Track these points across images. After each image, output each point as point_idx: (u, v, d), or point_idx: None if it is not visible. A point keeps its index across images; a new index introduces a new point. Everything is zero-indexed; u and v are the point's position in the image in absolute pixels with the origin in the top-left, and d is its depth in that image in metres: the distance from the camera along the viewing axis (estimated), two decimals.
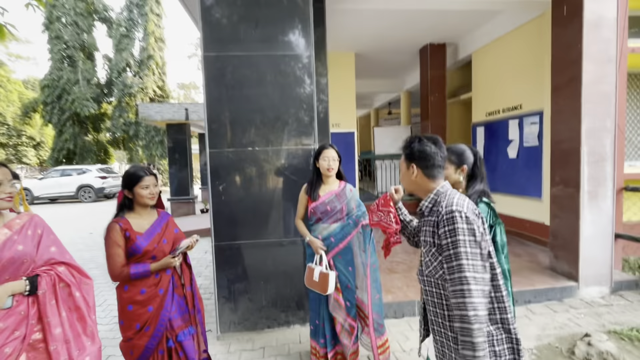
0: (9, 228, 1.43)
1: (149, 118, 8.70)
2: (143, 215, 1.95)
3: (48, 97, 16.58)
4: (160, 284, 1.92)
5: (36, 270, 1.45)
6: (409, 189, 1.46)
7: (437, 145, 1.36)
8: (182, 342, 1.96)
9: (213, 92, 2.99)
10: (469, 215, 1.19)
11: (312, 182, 2.49)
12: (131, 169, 1.95)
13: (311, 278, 2.36)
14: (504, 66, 5.63)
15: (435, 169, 1.36)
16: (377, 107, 13.81)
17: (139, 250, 1.85)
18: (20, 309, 1.38)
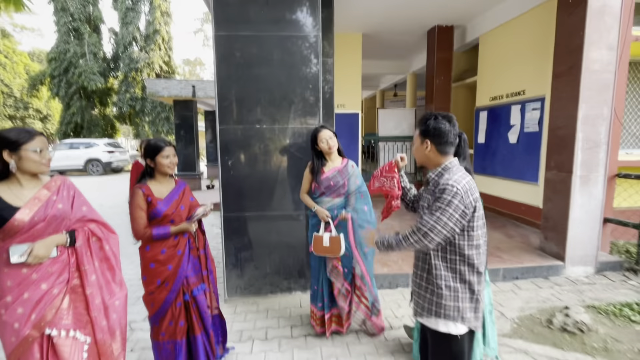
0: (48, 189, 1.61)
1: (156, 94, 8.81)
2: (163, 183, 2.15)
3: (55, 70, 16.63)
4: (178, 245, 2.15)
5: (72, 226, 1.65)
6: (420, 162, 1.62)
7: (451, 124, 1.51)
8: (196, 296, 2.22)
9: (223, 71, 3.12)
10: (459, 192, 1.39)
11: (314, 164, 2.64)
12: (153, 140, 2.14)
13: (321, 244, 2.55)
14: (510, 51, 5.65)
15: (447, 146, 1.52)
16: (383, 88, 13.75)
17: (160, 214, 2.06)
18: (63, 258, 1.60)
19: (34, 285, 1.51)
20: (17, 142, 1.49)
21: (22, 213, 1.49)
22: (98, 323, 1.67)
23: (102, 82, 16.81)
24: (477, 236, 1.44)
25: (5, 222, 1.46)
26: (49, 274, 1.55)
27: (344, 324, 2.74)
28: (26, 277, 1.50)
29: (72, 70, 16.36)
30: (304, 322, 2.95)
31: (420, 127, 1.56)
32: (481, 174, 6.53)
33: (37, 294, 1.51)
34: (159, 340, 2.19)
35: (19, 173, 1.52)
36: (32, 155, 1.51)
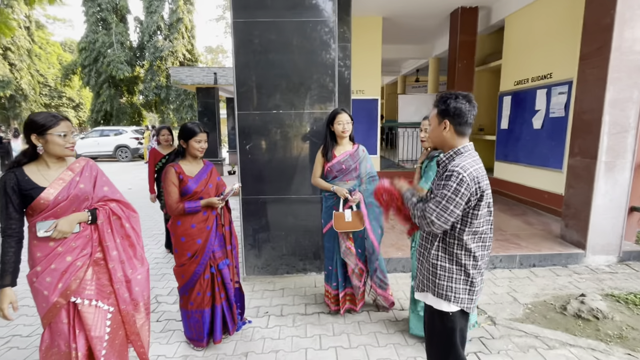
0: (72, 170, 1.73)
1: (180, 82, 9.04)
2: (193, 163, 2.34)
3: (85, 60, 17.31)
4: (207, 221, 2.34)
5: (94, 205, 1.77)
6: (435, 143, 1.58)
7: (470, 104, 1.46)
8: (222, 269, 2.41)
9: (242, 58, 3.20)
10: (465, 178, 1.36)
11: (326, 144, 2.72)
12: (189, 124, 2.31)
13: (342, 221, 2.62)
14: (538, 32, 5.41)
15: (466, 126, 1.47)
16: (405, 74, 13.47)
17: (190, 190, 2.24)
18: (85, 233, 1.73)
19: (59, 257, 1.65)
20: (44, 126, 1.60)
21: (47, 192, 1.62)
22: (120, 295, 1.82)
23: (129, 71, 17.37)
24: (478, 224, 1.44)
25: (32, 200, 1.61)
26: (73, 247, 1.68)
27: (357, 303, 2.84)
28: (52, 250, 1.64)
29: (101, 60, 16.98)
30: (317, 301, 3.07)
31: (438, 106, 1.49)
32: (503, 161, 6.37)
33: (63, 266, 1.65)
34: (188, 309, 2.39)
35: (45, 155, 1.65)
36: (57, 139, 1.62)
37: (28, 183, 1.61)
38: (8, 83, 16.60)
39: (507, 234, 4.24)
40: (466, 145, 1.48)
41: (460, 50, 6.76)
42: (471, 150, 1.49)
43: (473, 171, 1.39)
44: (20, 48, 17.57)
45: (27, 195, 1.60)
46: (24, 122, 1.62)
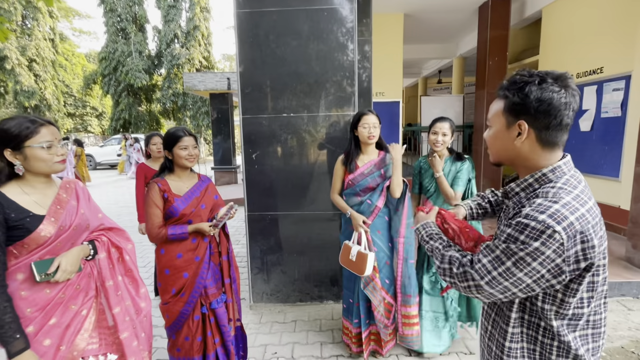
0: (66, 192, 1.36)
1: (192, 88, 8.80)
2: (183, 178, 1.93)
3: (105, 69, 17.58)
4: (197, 250, 1.91)
5: (90, 236, 1.42)
6: (499, 158, 0.96)
7: (568, 90, 0.82)
8: (215, 309, 1.96)
9: (246, 53, 2.78)
10: (556, 236, 0.76)
11: (350, 152, 2.26)
12: (171, 129, 1.91)
13: (347, 257, 2.18)
14: (583, 22, 4.77)
15: (560, 132, 0.85)
16: (426, 75, 12.87)
17: (176, 212, 1.83)
18: (87, 272, 1.37)
19: (62, 307, 1.28)
20: (20, 137, 1.20)
21: (48, 222, 1.24)
22: (129, 345, 1.45)
23: (147, 79, 17.50)
24: (580, 306, 0.84)
25: (28, 233, 1.20)
26: (77, 291, 1.33)
27: (383, 345, 2.33)
28: (52, 299, 1.26)
29: (120, 69, 17.20)
30: (335, 339, 2.58)
31: (509, 96, 0.87)
32: None
33: (67, 318, 1.28)
34: (175, 356, 1.97)
35: (29, 175, 1.26)
36: (39, 152, 1.22)
37: (18, 210, 1.20)
38: (33, 93, 17.03)
39: None
40: (559, 166, 0.86)
41: (491, 46, 6.15)
42: (570, 172, 0.87)
43: (576, 220, 0.77)
44: (45, 59, 18.04)
45: (18, 228, 1.19)
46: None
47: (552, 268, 0.77)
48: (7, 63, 16.29)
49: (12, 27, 16.82)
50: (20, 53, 16.95)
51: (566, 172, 0.86)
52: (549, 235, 0.75)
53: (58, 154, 1.27)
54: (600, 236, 0.80)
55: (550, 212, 0.77)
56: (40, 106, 18.26)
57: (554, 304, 0.84)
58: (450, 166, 2.27)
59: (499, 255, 0.82)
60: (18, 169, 1.22)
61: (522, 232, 0.78)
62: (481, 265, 0.85)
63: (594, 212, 0.81)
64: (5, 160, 1.22)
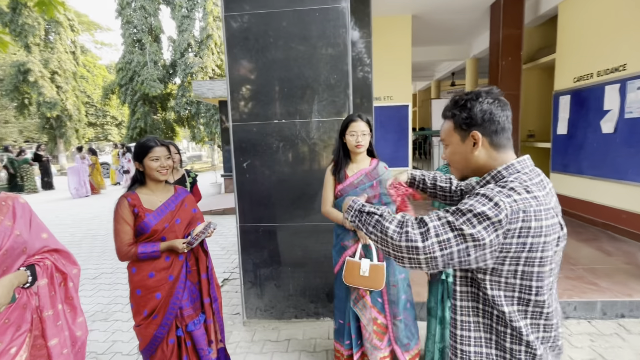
0: (0, 211, 1.24)
1: (201, 95, 8.84)
2: (156, 192, 1.80)
3: (122, 80, 18.02)
4: (171, 269, 1.78)
5: (30, 260, 1.29)
6: (463, 171, 1.03)
7: (499, 102, 0.95)
8: (192, 332, 1.85)
9: (235, 58, 2.67)
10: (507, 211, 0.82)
11: (339, 160, 2.10)
12: (143, 139, 1.80)
13: (356, 273, 1.96)
14: (603, 16, 4.46)
15: (504, 134, 0.96)
16: (438, 78, 12.55)
17: (147, 229, 1.71)
18: (22, 302, 1.23)
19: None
20: None
21: None
22: None
23: (162, 88, 17.82)
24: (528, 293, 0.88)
25: None
26: (6, 326, 1.18)
27: None
28: None
29: (136, 79, 17.58)
30: None
31: (456, 116, 0.98)
32: (562, 172, 5.36)
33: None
34: None
35: None
36: None
37: None
38: (55, 104, 17.65)
39: (579, 269, 3.31)
40: (512, 164, 0.93)
41: (504, 46, 5.87)
42: (524, 169, 0.92)
43: (520, 201, 0.84)
44: (66, 71, 18.69)
45: None
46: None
47: (492, 239, 0.82)
48: (30, 76, 16.94)
49: (36, 41, 17.52)
50: (43, 66, 17.60)
51: (519, 169, 0.92)
52: (496, 203, 0.82)
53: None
54: (547, 225, 0.84)
55: (498, 190, 0.86)
56: (62, 116, 18.89)
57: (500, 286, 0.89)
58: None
59: (449, 213, 0.87)
60: None
61: (470, 199, 0.86)
62: (434, 215, 0.88)
63: (541, 200, 0.86)
64: None
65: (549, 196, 0.90)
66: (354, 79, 3.66)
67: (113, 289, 3.80)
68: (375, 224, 0.93)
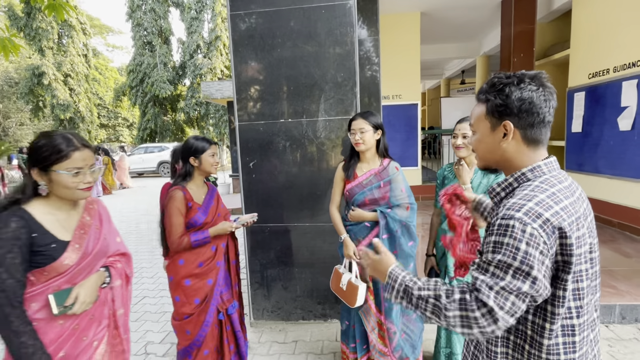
0: (89, 214, 1.28)
1: (210, 96, 8.89)
2: (199, 187, 1.93)
3: (133, 81, 18.33)
4: (216, 255, 1.90)
5: (106, 262, 1.33)
6: (487, 162, 0.95)
7: (545, 88, 0.84)
8: (231, 315, 1.97)
9: (241, 57, 2.65)
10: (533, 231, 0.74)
11: (349, 159, 2.06)
12: (193, 138, 1.92)
13: (337, 284, 2.00)
14: (619, 10, 4.32)
15: (543, 129, 0.85)
16: (448, 76, 12.39)
17: (199, 222, 1.82)
18: (102, 300, 1.28)
19: (75, 339, 1.18)
20: (48, 161, 1.12)
21: (72, 250, 1.16)
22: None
23: (172, 90, 18.06)
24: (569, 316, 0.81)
25: (51, 261, 1.11)
26: (91, 321, 1.23)
27: None
28: (65, 331, 1.16)
29: (147, 80, 17.86)
30: None
31: (490, 99, 0.88)
32: (578, 171, 5.21)
33: (76, 350, 1.18)
34: None
35: (54, 196, 1.18)
36: (65, 178, 1.13)
37: (44, 235, 1.11)
38: (68, 106, 18.02)
39: None
40: (539, 165, 0.85)
41: (516, 42, 5.74)
42: (552, 172, 0.85)
43: (552, 217, 0.76)
44: (79, 74, 19.06)
45: (42, 254, 1.10)
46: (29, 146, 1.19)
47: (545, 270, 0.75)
48: (44, 79, 17.33)
49: (50, 44, 17.90)
50: (56, 69, 17.99)
51: (546, 172, 0.85)
52: (530, 234, 0.74)
53: (85, 181, 1.16)
54: (578, 237, 0.78)
55: (524, 206, 0.77)
56: (75, 118, 19.26)
57: (545, 318, 0.80)
58: (482, 178, 1.89)
59: (494, 272, 0.77)
60: (42, 190, 1.15)
61: (504, 234, 0.77)
62: (480, 281, 0.78)
63: (570, 210, 0.79)
64: (31, 177, 1.15)
65: (579, 202, 0.83)
66: (362, 77, 3.61)
67: None
68: (434, 309, 0.82)
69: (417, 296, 0.85)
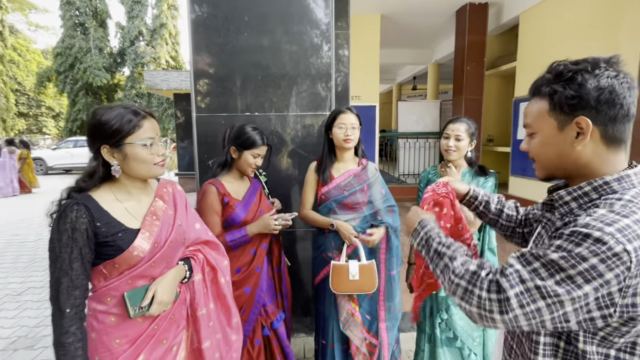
0: (162, 199, 1.14)
1: (154, 87, 8.13)
2: (238, 180, 1.72)
3: (61, 66, 16.28)
4: (256, 260, 1.67)
5: (185, 252, 1.20)
6: (552, 171, 0.78)
7: (625, 76, 0.68)
8: (277, 329, 1.76)
9: (201, 39, 2.31)
10: (630, 263, 0.58)
11: (323, 158, 1.87)
12: (248, 128, 1.69)
13: (345, 278, 1.73)
14: (562, 28, 4.68)
15: (627, 125, 0.70)
16: (400, 82, 12.82)
17: (238, 220, 1.61)
18: (182, 298, 1.15)
19: (154, 341, 1.06)
20: (120, 133, 1.00)
21: (142, 239, 1.03)
22: None
23: (108, 78, 16.38)
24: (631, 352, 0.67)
25: (120, 252, 1.00)
26: (171, 322, 1.11)
27: None
28: (144, 331, 1.05)
29: (78, 66, 15.97)
30: None
31: (557, 93, 0.71)
32: (521, 175, 5.59)
33: (156, 355, 1.06)
34: None
35: (125, 178, 1.06)
36: (140, 151, 1.02)
37: (110, 223, 1.00)
38: None
39: None
40: (628, 175, 0.69)
41: (469, 51, 6.02)
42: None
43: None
44: None
45: (109, 244, 0.99)
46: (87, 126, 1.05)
47: (602, 297, 0.60)
48: None
49: None
50: None
51: (636, 184, 0.69)
52: (616, 253, 0.58)
53: (159, 153, 1.07)
54: None
55: (619, 226, 0.60)
56: None
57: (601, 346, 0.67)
58: (470, 182, 1.80)
59: (537, 269, 0.64)
60: (115, 170, 1.02)
61: (579, 243, 0.61)
62: (514, 270, 0.66)
63: None
64: (101, 159, 1.02)
65: None
66: None
67: (43, 307, 3.20)
68: (444, 269, 0.76)
69: (434, 249, 0.81)
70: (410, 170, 7.49)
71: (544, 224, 0.82)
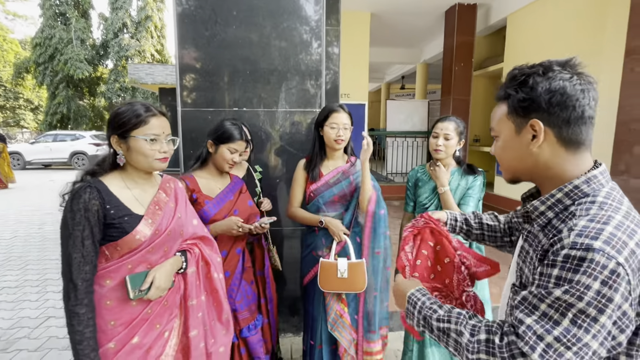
0: (165, 192, 1.23)
1: (138, 80, 7.92)
2: (215, 177, 1.67)
3: (40, 57, 15.65)
4: (226, 264, 1.60)
5: (182, 246, 1.27)
6: (515, 173, 0.79)
7: (580, 77, 0.68)
8: (247, 338, 1.69)
9: (187, 31, 2.23)
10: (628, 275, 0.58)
11: (313, 156, 1.84)
12: (227, 123, 1.66)
13: (333, 276, 1.70)
14: (549, 31, 4.76)
15: (583, 126, 0.69)
16: (389, 81, 12.87)
17: (206, 218, 1.56)
18: (176, 287, 1.22)
19: (147, 325, 1.14)
20: (127, 125, 1.10)
21: (145, 224, 1.12)
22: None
23: (90, 71, 15.86)
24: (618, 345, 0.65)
25: (124, 234, 1.08)
26: (164, 308, 1.18)
27: None
28: (138, 314, 1.12)
29: (58, 57, 15.39)
30: None
31: (512, 97, 0.73)
32: None
33: (150, 338, 1.13)
34: None
35: (131, 167, 1.16)
36: (143, 145, 1.11)
37: (118, 207, 1.09)
38: None
39: None
40: (595, 175, 0.69)
41: (457, 52, 6.07)
42: (609, 183, 0.71)
43: (637, 247, 0.60)
44: None
45: (115, 226, 1.07)
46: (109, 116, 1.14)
47: (619, 319, 0.59)
48: None
49: None
50: None
51: (604, 183, 0.69)
52: (612, 270, 0.57)
53: (161, 150, 1.14)
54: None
55: (604, 238, 0.59)
56: None
57: None
58: (459, 180, 1.80)
59: (547, 313, 0.61)
60: (120, 159, 1.13)
61: (577, 270, 0.58)
62: (526, 327, 0.62)
63: None
64: (111, 147, 1.13)
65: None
66: None
67: (18, 308, 3.07)
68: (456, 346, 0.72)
69: (436, 327, 0.76)
70: (399, 169, 7.52)
71: (525, 236, 0.80)
